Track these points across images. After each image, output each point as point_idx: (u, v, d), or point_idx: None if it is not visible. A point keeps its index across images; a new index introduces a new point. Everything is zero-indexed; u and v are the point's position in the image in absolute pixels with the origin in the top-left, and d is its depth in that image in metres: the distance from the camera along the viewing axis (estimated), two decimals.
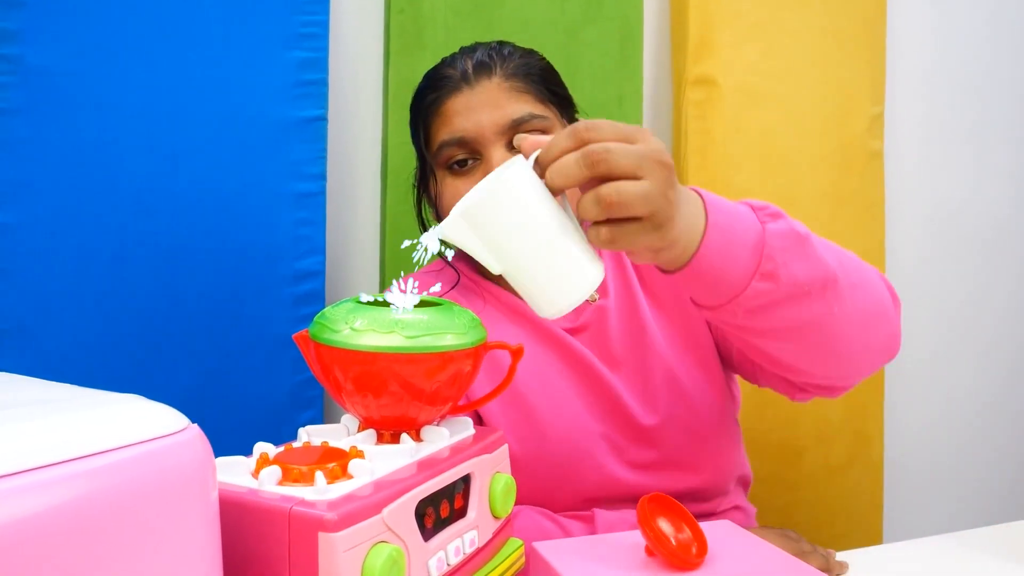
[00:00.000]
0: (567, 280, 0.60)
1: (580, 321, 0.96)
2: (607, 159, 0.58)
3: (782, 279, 0.68)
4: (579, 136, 0.59)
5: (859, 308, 0.76)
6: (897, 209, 1.71)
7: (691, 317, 0.97)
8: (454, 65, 0.95)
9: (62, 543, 0.33)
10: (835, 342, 0.76)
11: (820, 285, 0.71)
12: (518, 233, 0.59)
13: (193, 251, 1.16)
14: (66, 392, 0.42)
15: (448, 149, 0.93)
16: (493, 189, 0.59)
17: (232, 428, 1.16)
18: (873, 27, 1.61)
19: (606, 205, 0.58)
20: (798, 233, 0.70)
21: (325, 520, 0.43)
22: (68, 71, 1.09)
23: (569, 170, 0.58)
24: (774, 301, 0.69)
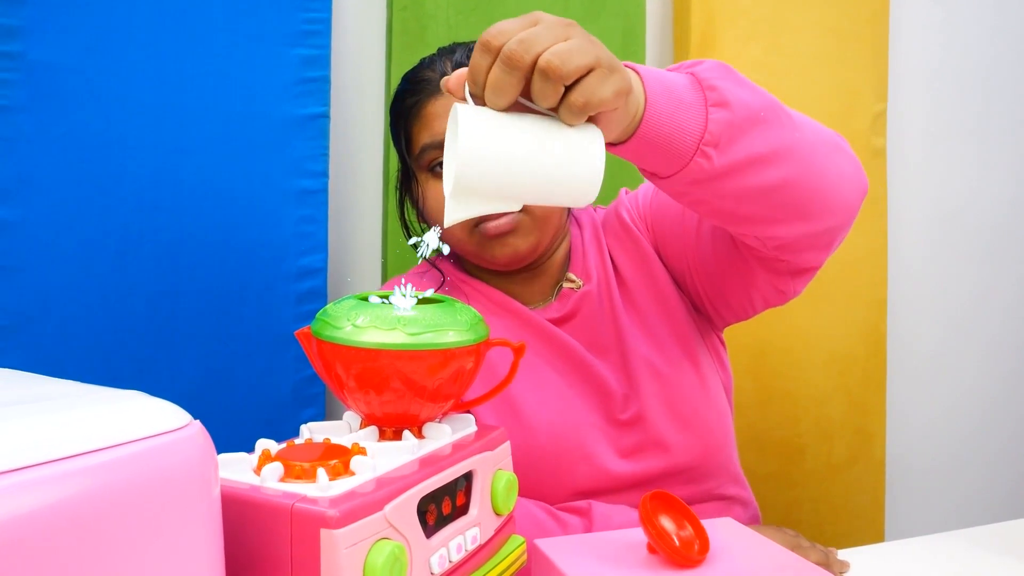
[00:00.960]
0: (582, 162, 0.59)
1: (566, 310, 0.97)
2: (527, 47, 0.56)
3: (732, 104, 0.68)
4: (489, 46, 0.57)
5: (813, 132, 0.75)
6: (900, 206, 1.71)
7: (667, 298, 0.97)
8: (433, 67, 0.95)
9: (65, 539, 0.33)
10: (806, 168, 0.73)
11: (769, 107, 0.71)
12: (511, 169, 0.58)
13: (195, 248, 1.16)
14: (69, 388, 0.42)
15: (430, 152, 0.93)
16: (463, 154, 0.57)
17: (234, 425, 1.16)
18: (876, 24, 1.61)
19: (553, 74, 0.56)
20: (723, 64, 0.71)
21: (327, 517, 0.43)
22: (71, 68, 1.09)
23: (502, 83, 0.57)
24: (735, 130, 0.68)
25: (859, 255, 1.61)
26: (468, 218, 0.61)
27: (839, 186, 0.77)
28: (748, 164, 0.70)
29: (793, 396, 1.55)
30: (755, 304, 0.95)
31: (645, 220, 1.00)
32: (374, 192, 1.38)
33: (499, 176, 0.58)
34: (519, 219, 0.92)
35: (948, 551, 0.93)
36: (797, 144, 0.72)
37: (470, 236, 0.93)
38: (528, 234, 0.93)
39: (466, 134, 0.57)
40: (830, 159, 0.76)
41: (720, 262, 0.92)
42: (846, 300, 1.60)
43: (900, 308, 1.73)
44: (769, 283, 0.90)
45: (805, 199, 0.75)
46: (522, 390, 0.92)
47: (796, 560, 0.64)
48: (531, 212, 0.93)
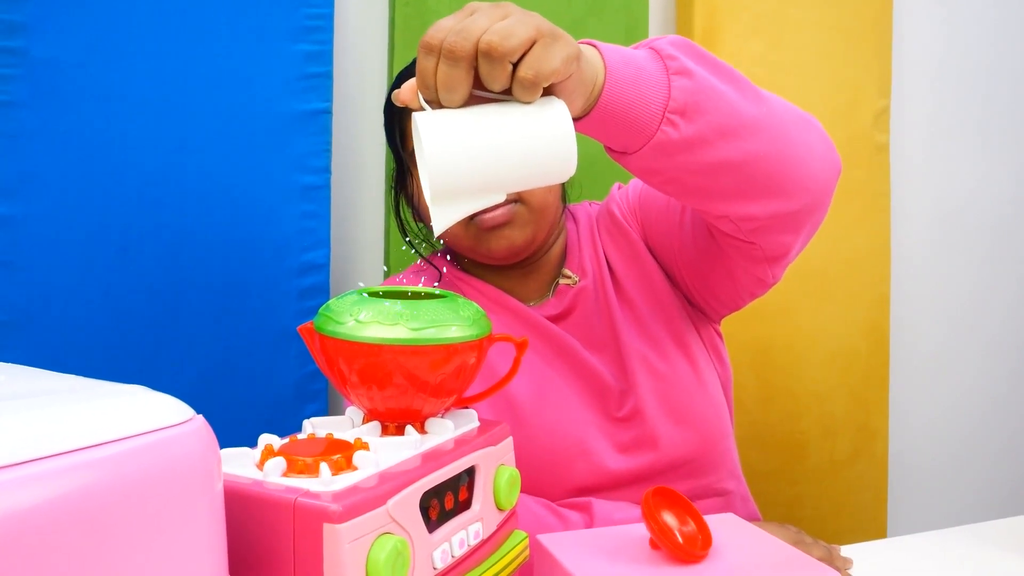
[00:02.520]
0: (552, 137, 0.59)
1: (563, 307, 0.97)
2: (465, 36, 0.56)
3: (695, 74, 0.67)
4: (430, 46, 0.57)
5: (783, 111, 0.74)
6: (903, 202, 1.71)
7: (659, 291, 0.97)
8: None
9: (68, 534, 0.33)
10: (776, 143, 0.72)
11: (732, 79, 0.70)
12: (482, 162, 0.58)
13: (198, 244, 1.16)
14: (71, 383, 0.42)
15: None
16: (430, 160, 0.57)
17: (237, 421, 1.16)
18: (879, 20, 1.60)
19: (496, 53, 0.56)
20: (684, 39, 0.70)
21: (330, 511, 0.43)
22: (73, 64, 1.09)
23: (451, 78, 0.57)
24: (700, 101, 0.67)
25: (862, 252, 1.61)
26: (456, 221, 0.61)
27: (809, 162, 0.76)
28: (716, 135, 0.69)
29: (795, 393, 1.55)
30: (741, 294, 0.94)
31: (635, 214, 1.00)
32: (376, 188, 1.38)
33: (473, 172, 0.58)
34: (515, 210, 0.92)
35: (950, 547, 0.93)
36: (765, 117, 0.72)
37: (466, 230, 0.93)
38: (524, 225, 0.93)
39: (429, 139, 0.57)
40: (800, 135, 0.75)
41: (700, 252, 0.92)
42: (849, 297, 1.59)
43: (903, 305, 1.72)
44: (747, 271, 0.89)
45: (776, 173, 0.74)
46: (520, 387, 0.92)
47: (799, 555, 0.64)
48: (527, 203, 0.92)
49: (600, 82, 0.65)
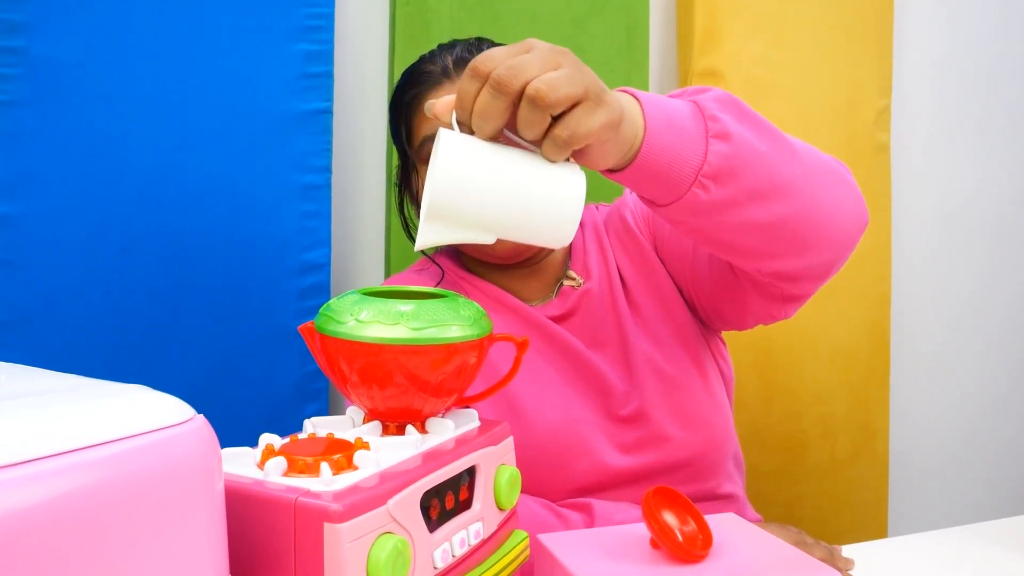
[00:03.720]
0: (559, 202, 0.59)
1: (567, 307, 0.97)
2: (516, 73, 0.56)
3: (734, 137, 0.66)
4: (479, 72, 0.57)
5: (816, 166, 0.74)
6: (904, 202, 1.71)
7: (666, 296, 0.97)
8: (433, 61, 0.96)
9: (68, 533, 0.33)
10: (805, 202, 0.72)
11: (771, 141, 0.70)
12: (484, 200, 0.58)
13: (199, 243, 1.16)
14: (72, 382, 0.42)
15: (430, 144, 0.93)
16: (439, 178, 0.57)
17: (238, 420, 1.16)
18: (881, 19, 1.60)
19: (541, 102, 0.56)
20: (728, 95, 0.69)
21: (330, 511, 0.43)
22: (74, 64, 1.09)
23: (489, 108, 0.57)
24: (735, 164, 0.67)
25: (863, 251, 1.60)
26: (439, 243, 0.60)
27: (838, 220, 0.76)
28: (747, 199, 0.69)
29: (796, 392, 1.55)
30: (748, 322, 0.95)
31: (648, 223, 1.00)
32: (377, 187, 1.38)
33: (473, 206, 0.58)
34: None
35: (951, 547, 0.92)
36: (798, 179, 0.71)
37: None
38: None
39: (444, 158, 0.57)
40: (831, 193, 0.75)
41: (715, 281, 0.92)
42: (850, 296, 1.59)
43: (904, 304, 1.72)
44: (761, 307, 0.90)
45: (803, 234, 0.74)
46: (521, 387, 0.92)
47: (800, 555, 0.64)
48: None
49: (638, 143, 0.64)
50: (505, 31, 1.34)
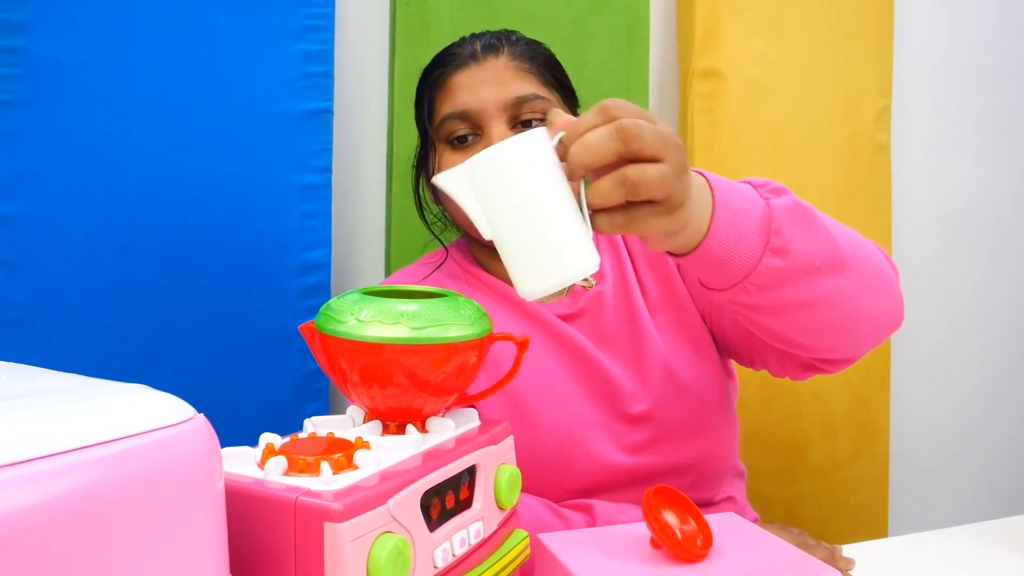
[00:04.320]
0: (559, 260, 0.59)
1: (577, 307, 0.97)
2: (640, 135, 0.57)
3: (792, 254, 0.68)
4: (608, 112, 0.59)
5: (864, 278, 0.76)
6: (904, 202, 1.71)
7: (682, 303, 0.98)
8: (462, 45, 0.98)
9: (68, 533, 0.33)
10: (844, 314, 0.75)
11: (828, 257, 0.71)
12: (520, 201, 0.58)
13: (199, 243, 1.16)
14: (72, 382, 0.42)
15: (451, 122, 0.94)
16: (504, 150, 0.58)
17: (238, 420, 1.16)
18: (881, 19, 1.60)
19: (630, 186, 0.58)
20: (803, 206, 0.71)
21: (331, 510, 0.43)
22: (74, 64, 1.09)
23: (599, 145, 0.58)
24: (785, 277, 0.69)
25: None
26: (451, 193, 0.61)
27: (875, 324, 0.80)
28: (786, 307, 0.72)
29: (796, 392, 1.55)
30: (756, 367, 0.97)
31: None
32: (377, 187, 1.38)
33: (501, 196, 0.58)
34: None
35: (951, 547, 0.92)
36: (842, 289, 0.74)
37: None
38: None
39: (523, 143, 0.58)
40: (872, 300, 0.78)
41: (738, 333, 0.93)
42: None
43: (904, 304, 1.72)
44: (777, 367, 0.92)
45: (837, 335, 0.78)
46: (525, 386, 0.91)
47: (800, 555, 0.64)
48: None
49: (698, 239, 0.67)
50: None
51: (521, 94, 0.92)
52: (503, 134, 0.91)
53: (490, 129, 0.92)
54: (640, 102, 1.44)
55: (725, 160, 1.48)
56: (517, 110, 0.92)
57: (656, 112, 1.53)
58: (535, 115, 0.93)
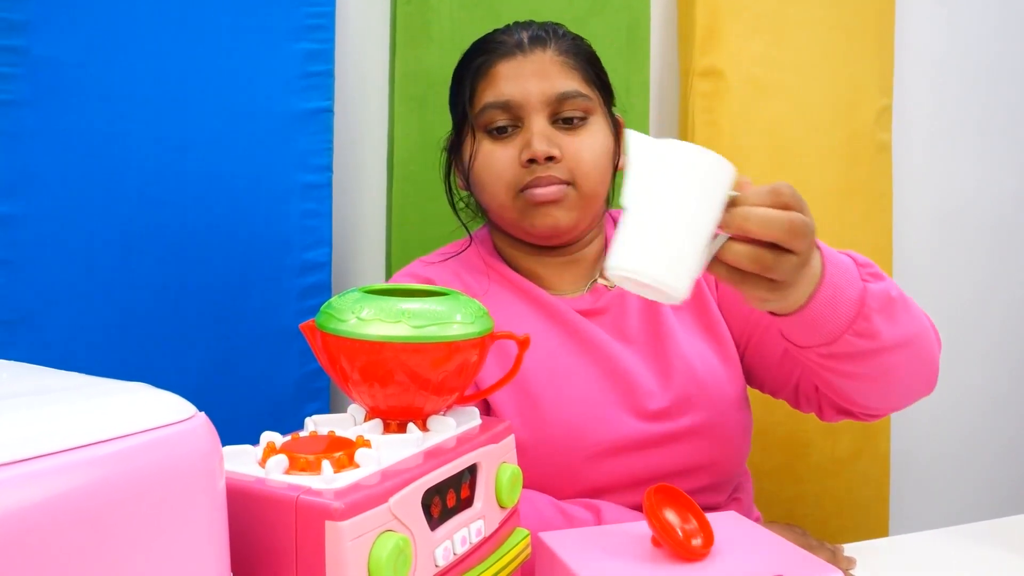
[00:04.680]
0: (665, 265, 0.62)
1: (598, 304, 0.97)
2: (805, 235, 0.65)
3: (872, 337, 0.76)
4: (782, 199, 0.65)
5: (920, 353, 0.84)
6: (905, 201, 1.71)
7: (708, 308, 0.99)
8: (509, 33, 0.98)
9: (69, 531, 0.33)
10: (897, 381, 0.84)
11: (900, 340, 0.78)
12: (678, 201, 0.62)
13: (199, 242, 1.16)
14: (73, 380, 0.42)
15: (491, 112, 0.94)
16: (702, 157, 0.62)
17: (239, 420, 1.16)
18: (882, 18, 1.60)
19: (764, 267, 0.65)
20: (891, 297, 0.77)
21: (332, 509, 0.43)
22: (75, 63, 1.09)
23: (768, 226, 0.64)
24: (858, 352, 0.77)
25: (864, 250, 1.58)
26: (632, 149, 0.64)
27: (917, 391, 0.89)
28: (848, 375, 0.81)
29: None
30: (778, 397, 1.02)
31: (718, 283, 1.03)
32: (378, 186, 1.38)
33: (669, 183, 0.63)
34: (566, 191, 0.93)
35: (953, 546, 0.92)
36: (901, 364, 0.82)
37: (514, 201, 0.94)
38: (571, 208, 0.94)
39: (716, 159, 0.63)
40: (921, 370, 0.86)
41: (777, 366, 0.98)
42: None
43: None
44: (810, 405, 0.98)
45: (886, 396, 0.88)
46: (542, 381, 0.91)
47: (801, 554, 0.64)
48: (579, 187, 0.93)
49: (789, 311, 0.74)
50: None
51: (565, 90, 0.93)
52: (543, 129, 0.92)
53: (530, 122, 0.93)
54: (641, 101, 1.44)
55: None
56: (559, 106, 0.93)
57: (656, 111, 1.53)
58: (575, 113, 0.94)
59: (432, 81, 1.30)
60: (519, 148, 0.93)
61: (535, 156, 0.91)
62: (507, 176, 0.93)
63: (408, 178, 1.30)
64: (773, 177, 1.50)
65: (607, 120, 0.99)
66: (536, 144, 0.91)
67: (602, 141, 0.96)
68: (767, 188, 0.65)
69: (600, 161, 0.95)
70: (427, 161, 1.29)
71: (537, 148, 0.91)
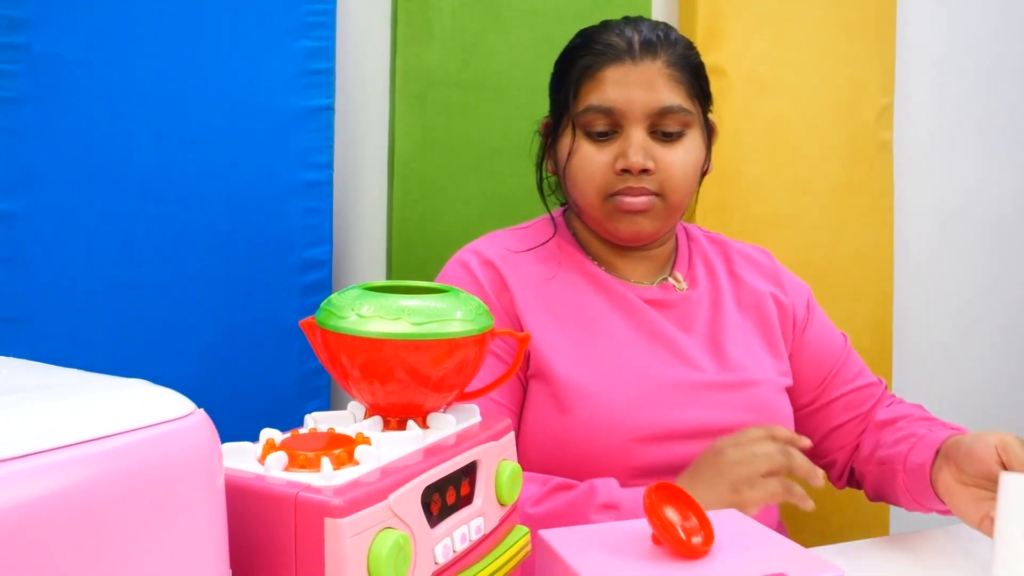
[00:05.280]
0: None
1: (665, 298, 0.99)
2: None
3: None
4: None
5: None
6: (906, 199, 1.71)
7: (773, 331, 1.03)
8: (620, 34, 0.96)
9: (68, 527, 0.33)
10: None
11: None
12: None
13: (200, 240, 1.16)
14: (72, 376, 0.42)
15: (593, 115, 0.95)
16: None
17: (240, 417, 1.16)
18: (883, 17, 1.60)
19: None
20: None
21: (331, 506, 0.43)
22: (76, 61, 1.09)
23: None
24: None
25: (865, 249, 1.60)
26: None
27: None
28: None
29: None
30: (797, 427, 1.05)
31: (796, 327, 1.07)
32: (379, 184, 1.38)
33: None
34: (654, 202, 0.94)
35: (953, 545, 0.92)
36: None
37: (603, 204, 0.96)
38: (657, 218, 0.96)
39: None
40: None
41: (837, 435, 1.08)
42: (852, 294, 1.59)
43: (906, 302, 1.72)
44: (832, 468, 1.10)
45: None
46: (605, 363, 0.93)
47: (802, 552, 0.63)
48: (667, 199, 0.95)
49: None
50: (507, 29, 1.34)
51: (668, 104, 0.94)
52: (641, 140, 0.93)
53: (629, 131, 0.93)
54: None
55: (728, 157, 1.47)
56: (659, 119, 0.94)
57: None
58: (674, 127, 0.94)
59: (433, 79, 1.30)
60: (615, 154, 0.94)
61: (630, 168, 0.92)
62: (599, 180, 0.95)
63: (409, 175, 1.30)
64: (775, 175, 1.51)
65: (702, 130, 1.00)
66: (632, 156, 0.92)
67: (695, 155, 0.97)
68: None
69: (690, 174, 0.96)
70: (428, 159, 1.29)
71: (633, 160, 0.92)
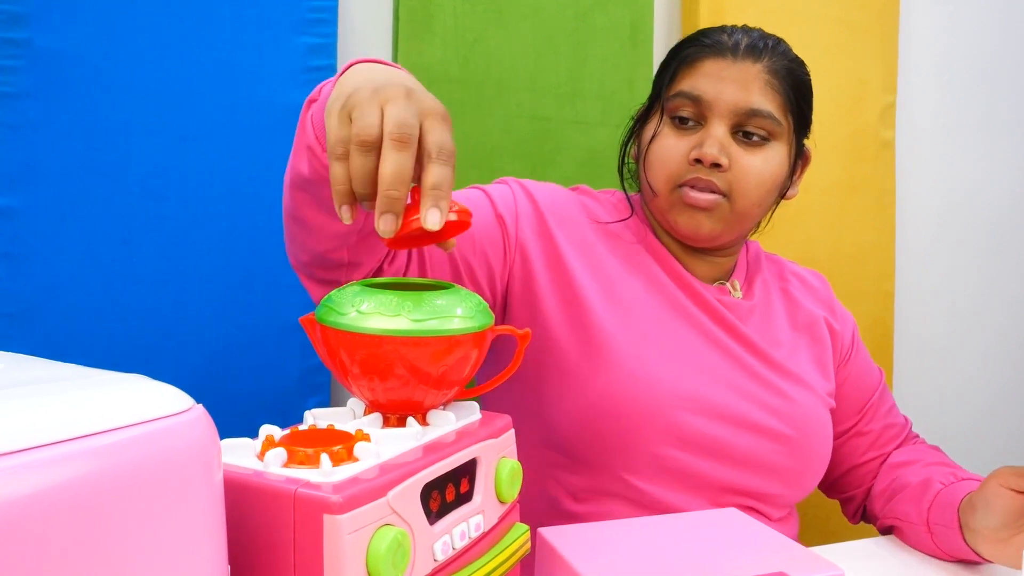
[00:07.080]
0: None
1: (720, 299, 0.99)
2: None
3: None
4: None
5: None
6: (908, 198, 1.70)
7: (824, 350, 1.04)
8: (730, 34, 0.97)
9: (66, 522, 0.33)
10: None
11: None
12: None
13: (201, 235, 1.16)
14: (71, 371, 0.42)
15: (680, 100, 0.95)
16: None
17: (240, 414, 1.16)
18: (886, 15, 1.59)
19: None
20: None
21: (330, 502, 0.43)
22: (76, 56, 1.09)
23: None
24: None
25: (866, 247, 1.60)
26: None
27: None
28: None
29: None
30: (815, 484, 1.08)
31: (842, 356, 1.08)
32: None
33: None
34: (719, 202, 0.93)
35: None
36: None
37: (669, 193, 0.95)
38: (719, 220, 0.94)
39: None
40: None
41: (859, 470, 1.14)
42: (853, 292, 1.59)
43: (907, 300, 1.72)
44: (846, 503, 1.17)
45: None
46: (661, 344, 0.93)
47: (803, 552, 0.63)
48: (734, 202, 0.94)
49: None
50: (508, 26, 1.34)
51: (757, 107, 0.93)
52: (720, 136, 0.92)
53: (711, 124, 0.93)
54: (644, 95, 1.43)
55: None
56: (745, 119, 0.93)
57: None
58: (758, 131, 0.94)
59: (434, 76, 1.29)
60: (692, 144, 0.94)
61: (702, 158, 0.92)
62: (671, 167, 0.94)
63: None
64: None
65: (790, 150, 0.99)
66: (707, 147, 0.92)
67: (774, 167, 0.96)
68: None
69: (764, 184, 0.95)
70: None
71: (707, 151, 0.91)
